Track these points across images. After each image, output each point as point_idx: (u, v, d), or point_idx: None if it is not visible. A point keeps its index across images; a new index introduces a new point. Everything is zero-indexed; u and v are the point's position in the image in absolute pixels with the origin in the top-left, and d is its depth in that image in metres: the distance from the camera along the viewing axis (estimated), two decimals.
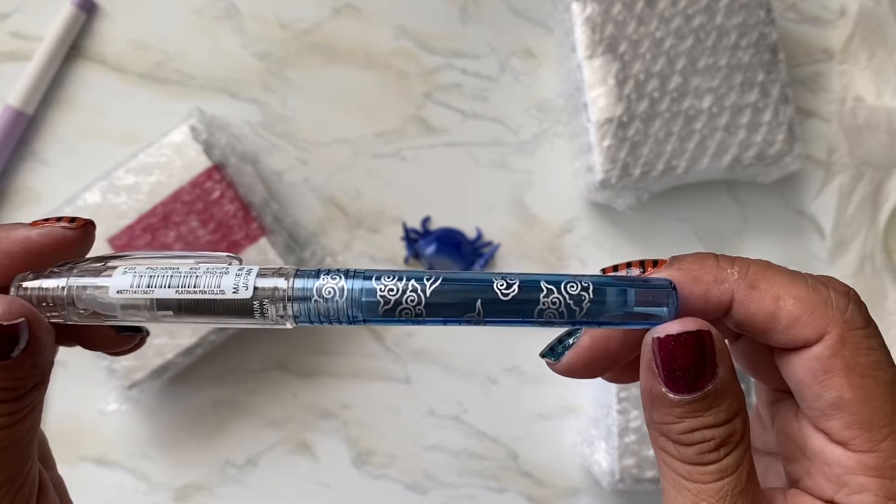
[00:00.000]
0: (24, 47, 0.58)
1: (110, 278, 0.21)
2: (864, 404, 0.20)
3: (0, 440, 0.21)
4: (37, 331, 0.21)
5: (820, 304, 0.20)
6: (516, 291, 0.20)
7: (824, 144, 0.58)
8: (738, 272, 0.21)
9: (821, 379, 0.20)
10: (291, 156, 0.58)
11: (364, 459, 0.56)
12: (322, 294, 0.21)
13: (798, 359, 0.21)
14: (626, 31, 0.54)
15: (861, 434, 0.20)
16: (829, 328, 0.20)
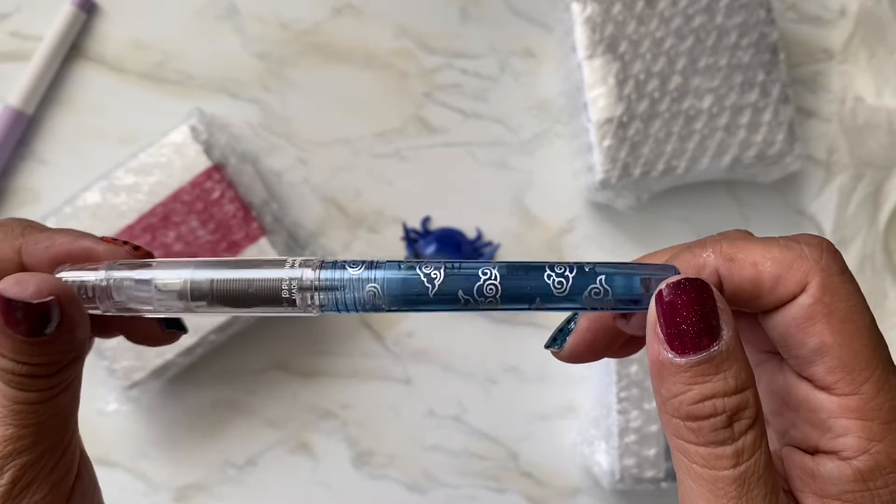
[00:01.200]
0: (24, 47, 0.58)
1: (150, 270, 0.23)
2: (845, 347, 0.20)
3: (39, 413, 0.22)
4: (68, 308, 0.22)
5: (796, 259, 0.21)
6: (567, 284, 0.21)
7: (824, 144, 0.58)
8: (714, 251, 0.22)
9: (804, 326, 0.20)
10: (291, 156, 0.58)
11: (364, 460, 0.56)
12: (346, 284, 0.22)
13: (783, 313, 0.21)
14: (626, 31, 0.54)
15: (843, 377, 0.20)
16: (809, 278, 0.21)
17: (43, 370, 0.22)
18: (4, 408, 0.22)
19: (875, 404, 0.20)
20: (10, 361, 0.22)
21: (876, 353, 0.20)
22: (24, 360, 0.22)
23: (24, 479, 0.22)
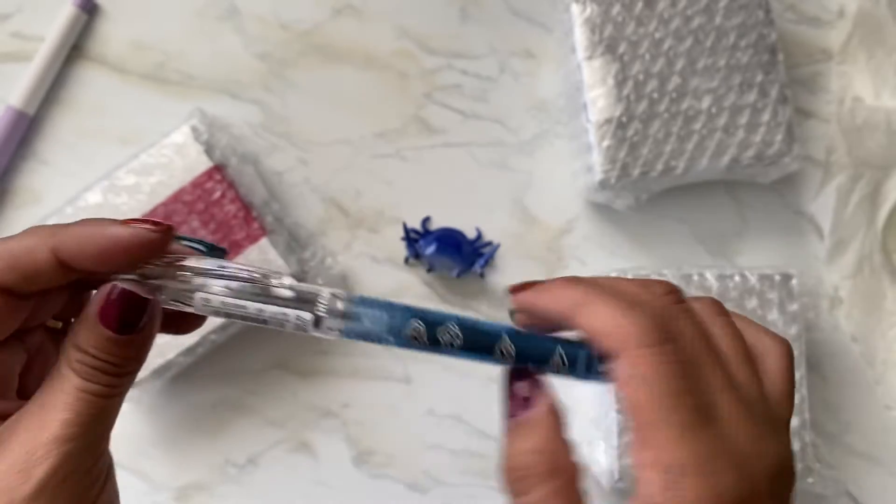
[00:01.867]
0: (26, 48, 0.58)
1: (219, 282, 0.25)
2: (644, 409, 0.23)
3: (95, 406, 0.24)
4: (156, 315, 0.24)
5: (618, 328, 0.24)
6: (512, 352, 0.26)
7: (823, 145, 0.58)
8: (577, 298, 0.25)
9: (621, 386, 0.24)
10: (292, 156, 0.58)
11: (364, 459, 0.56)
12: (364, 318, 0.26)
13: (614, 371, 0.25)
14: (625, 32, 0.54)
15: (645, 435, 0.23)
16: (621, 347, 0.24)
17: (112, 368, 0.24)
18: (68, 394, 0.23)
19: (668, 458, 0.23)
20: (87, 355, 0.24)
21: (671, 415, 0.23)
22: (101, 356, 0.24)
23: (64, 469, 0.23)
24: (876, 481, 0.57)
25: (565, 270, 0.58)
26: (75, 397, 0.24)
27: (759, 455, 0.24)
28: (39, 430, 0.23)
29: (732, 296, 0.52)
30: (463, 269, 0.56)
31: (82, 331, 0.24)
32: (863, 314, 0.57)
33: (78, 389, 0.24)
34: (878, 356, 0.57)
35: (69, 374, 0.24)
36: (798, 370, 0.52)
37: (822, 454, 0.53)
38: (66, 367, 0.24)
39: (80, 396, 0.24)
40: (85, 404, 0.24)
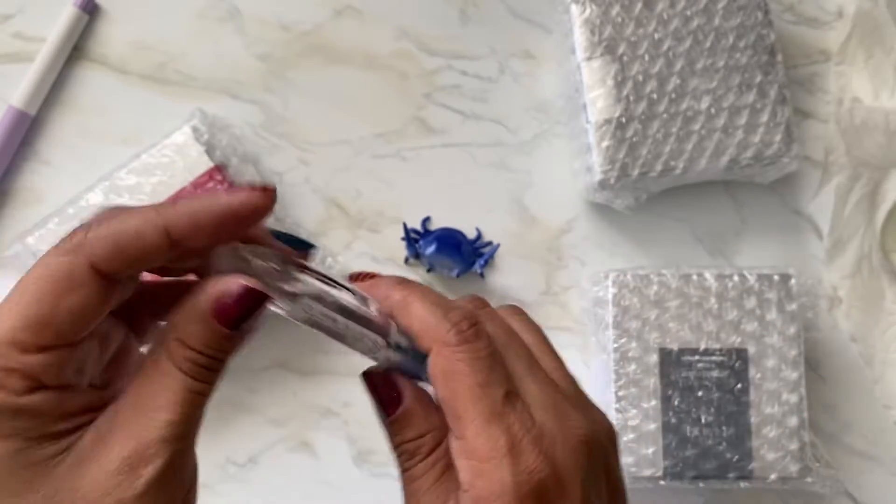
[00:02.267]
0: (27, 48, 0.58)
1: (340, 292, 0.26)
2: (452, 401, 0.25)
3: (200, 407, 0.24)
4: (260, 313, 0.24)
5: (430, 327, 0.26)
6: None
7: (822, 145, 0.59)
8: (399, 298, 0.27)
9: (432, 381, 0.26)
10: (292, 156, 0.58)
11: (365, 458, 0.57)
12: None
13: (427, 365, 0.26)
14: (624, 33, 0.54)
15: (454, 424, 0.25)
16: (431, 345, 0.26)
17: (217, 364, 0.24)
18: (176, 394, 0.23)
19: (475, 446, 0.24)
20: (196, 353, 0.23)
21: (476, 406, 0.24)
22: (211, 353, 0.24)
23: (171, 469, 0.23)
24: (875, 480, 0.57)
25: (565, 270, 0.58)
26: (183, 397, 0.23)
27: (566, 433, 0.25)
28: (145, 430, 0.23)
29: (731, 295, 0.52)
30: (463, 269, 0.56)
31: (191, 326, 0.23)
32: (861, 314, 0.57)
33: (187, 389, 0.23)
34: (877, 356, 0.57)
35: (175, 372, 0.23)
36: (797, 370, 0.52)
37: (821, 453, 0.53)
38: (170, 365, 0.23)
39: (188, 397, 0.23)
40: (191, 405, 0.23)
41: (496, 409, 0.24)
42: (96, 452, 0.23)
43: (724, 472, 0.51)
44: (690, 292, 0.52)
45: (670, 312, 0.52)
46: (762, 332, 0.52)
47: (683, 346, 0.52)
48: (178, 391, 0.23)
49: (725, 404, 0.51)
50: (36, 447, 0.23)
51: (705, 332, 0.52)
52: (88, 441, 0.23)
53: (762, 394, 0.51)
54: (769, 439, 0.51)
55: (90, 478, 0.22)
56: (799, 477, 0.51)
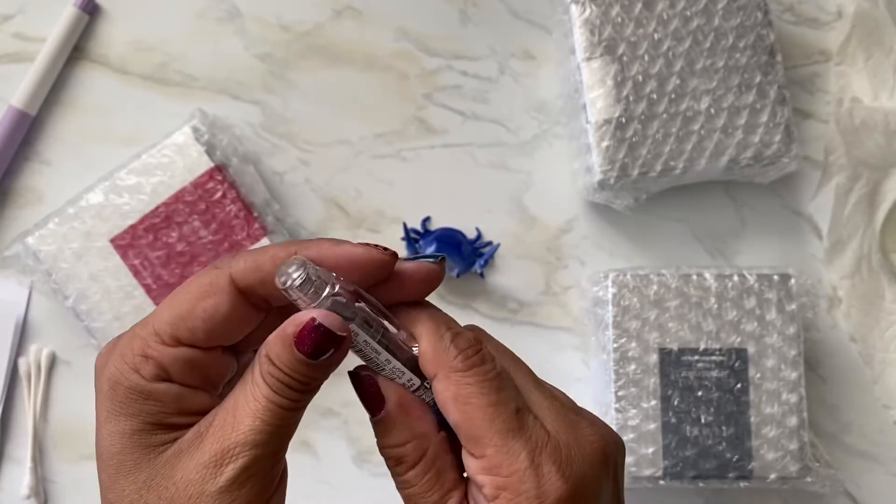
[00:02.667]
0: (27, 48, 0.59)
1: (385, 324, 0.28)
2: (467, 424, 0.26)
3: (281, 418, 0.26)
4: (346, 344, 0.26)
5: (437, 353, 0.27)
6: None
7: (821, 145, 0.59)
8: None
9: (441, 406, 0.27)
10: (293, 156, 0.58)
11: (365, 458, 0.57)
12: None
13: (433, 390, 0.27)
14: (624, 33, 0.54)
15: (472, 445, 0.26)
16: (436, 371, 0.27)
17: (299, 385, 0.26)
18: (260, 403, 0.25)
19: (497, 463, 0.25)
20: (278, 370, 0.25)
21: (492, 425, 0.26)
22: (290, 374, 0.25)
23: (249, 471, 0.25)
24: (874, 480, 0.57)
25: (565, 270, 0.58)
26: (265, 406, 0.25)
27: (580, 443, 0.26)
28: (231, 432, 0.25)
29: (731, 295, 0.52)
30: (463, 269, 0.56)
31: (277, 347, 0.26)
32: (861, 314, 0.57)
33: (267, 399, 0.25)
34: (877, 355, 0.57)
35: (262, 384, 0.26)
36: (796, 370, 0.52)
37: (821, 453, 0.53)
38: (258, 376, 0.26)
39: (269, 406, 0.25)
40: (272, 414, 0.25)
41: (511, 426, 0.26)
42: (192, 449, 0.25)
43: (724, 472, 0.51)
44: (690, 292, 0.52)
45: (670, 312, 0.52)
46: (762, 332, 0.52)
47: (683, 345, 0.52)
48: (263, 402, 0.26)
49: (725, 404, 0.51)
50: (151, 432, 0.26)
51: (705, 331, 0.52)
52: (189, 438, 0.26)
53: (762, 393, 0.51)
54: (769, 439, 0.51)
55: (183, 470, 0.25)
56: (798, 477, 0.51)
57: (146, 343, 0.26)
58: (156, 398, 0.26)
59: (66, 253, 0.53)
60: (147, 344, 0.26)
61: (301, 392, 0.26)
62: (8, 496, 0.56)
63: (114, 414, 0.26)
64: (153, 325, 0.26)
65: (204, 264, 0.53)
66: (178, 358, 0.26)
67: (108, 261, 0.53)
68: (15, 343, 0.57)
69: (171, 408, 0.26)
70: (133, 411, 0.25)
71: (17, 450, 0.57)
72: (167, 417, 0.26)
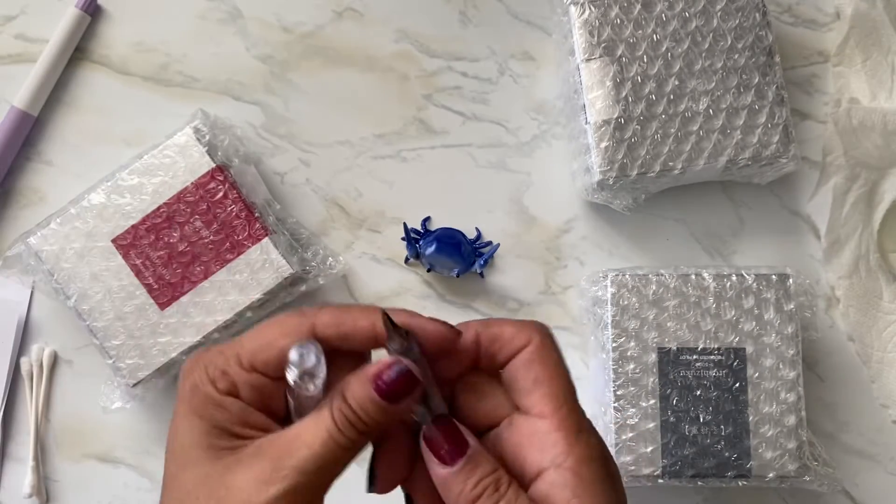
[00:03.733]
0: (29, 49, 0.59)
1: None
2: (552, 381, 0.29)
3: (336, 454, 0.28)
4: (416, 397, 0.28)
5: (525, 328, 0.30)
6: None
7: (819, 146, 0.59)
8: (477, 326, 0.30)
9: (528, 365, 0.29)
10: (294, 157, 0.59)
11: (365, 457, 0.57)
12: None
13: (515, 360, 0.30)
14: (623, 35, 0.54)
15: (550, 403, 0.29)
16: (531, 338, 0.30)
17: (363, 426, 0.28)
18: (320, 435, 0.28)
19: (570, 423, 0.29)
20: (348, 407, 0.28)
21: (569, 391, 0.29)
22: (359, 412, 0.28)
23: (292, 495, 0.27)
24: (872, 479, 0.57)
25: (564, 270, 0.58)
26: (324, 441, 0.27)
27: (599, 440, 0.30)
28: (287, 455, 0.27)
29: (729, 295, 0.53)
30: (463, 269, 0.57)
31: (355, 385, 0.28)
32: (859, 313, 0.57)
33: (328, 433, 0.27)
34: (874, 355, 0.57)
35: (327, 417, 0.28)
36: (795, 369, 0.52)
37: (819, 452, 0.53)
38: (327, 410, 0.28)
39: (327, 440, 0.27)
40: (327, 448, 0.27)
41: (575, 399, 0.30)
42: (250, 460, 0.28)
43: (723, 471, 0.51)
44: (689, 292, 0.53)
45: (669, 312, 0.52)
46: (760, 332, 0.52)
47: (682, 345, 0.52)
48: (324, 434, 0.27)
49: (723, 403, 0.52)
50: (217, 435, 0.28)
51: (703, 331, 0.52)
52: (250, 450, 0.28)
53: (760, 393, 0.52)
54: (767, 438, 0.51)
55: (237, 477, 0.27)
56: (797, 475, 0.51)
57: (227, 362, 0.29)
58: (225, 407, 0.29)
59: (67, 253, 0.53)
60: (228, 363, 0.29)
61: (360, 433, 0.28)
62: (10, 495, 0.57)
63: (189, 414, 0.29)
64: (237, 349, 0.29)
65: (205, 264, 0.53)
66: (250, 382, 0.29)
67: (109, 261, 0.53)
68: (17, 343, 0.57)
69: (236, 419, 0.29)
70: (205, 414, 0.29)
71: (19, 449, 0.57)
72: (232, 426, 0.29)
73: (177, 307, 0.53)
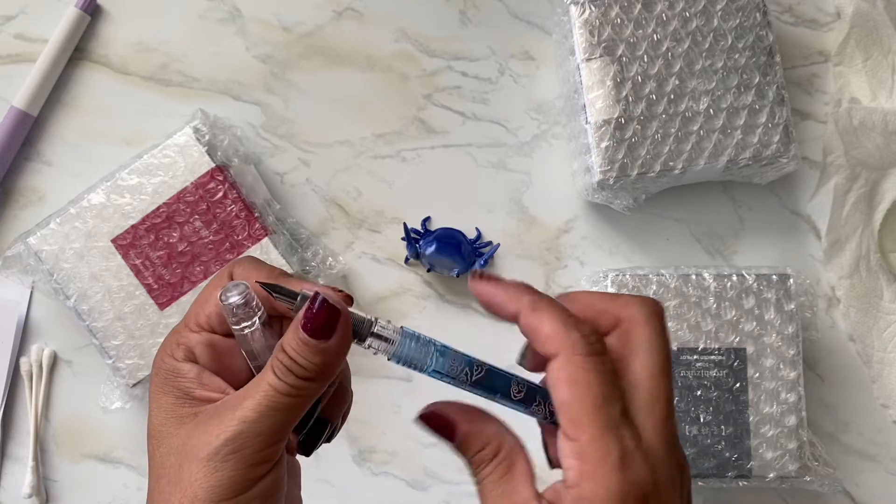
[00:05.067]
0: (29, 49, 0.59)
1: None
2: (573, 405, 0.27)
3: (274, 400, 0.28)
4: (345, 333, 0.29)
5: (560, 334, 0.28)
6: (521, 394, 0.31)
7: (820, 145, 0.59)
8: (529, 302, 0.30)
9: (553, 383, 0.28)
10: (293, 157, 0.59)
11: (365, 457, 0.57)
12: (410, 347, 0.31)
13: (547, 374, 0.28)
14: (623, 34, 0.54)
15: (572, 427, 0.27)
16: (557, 350, 0.28)
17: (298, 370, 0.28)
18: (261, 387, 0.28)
19: (588, 451, 0.26)
20: (284, 354, 0.28)
21: (597, 415, 0.27)
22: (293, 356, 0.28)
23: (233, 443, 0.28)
24: (873, 479, 0.57)
25: (564, 270, 0.58)
26: (265, 390, 0.28)
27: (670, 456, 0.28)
28: (231, 410, 0.29)
29: (730, 295, 0.53)
30: (463, 269, 0.57)
31: (289, 333, 0.29)
32: (859, 313, 0.57)
33: (268, 383, 0.29)
34: (875, 355, 0.57)
35: (268, 369, 0.29)
36: (795, 369, 0.52)
37: (820, 452, 0.53)
38: (268, 365, 0.29)
39: (266, 390, 0.28)
40: (266, 396, 0.28)
41: (613, 423, 0.27)
42: (207, 420, 0.29)
43: (723, 471, 0.51)
44: (689, 292, 0.53)
45: (669, 312, 0.52)
46: (760, 332, 0.52)
47: (682, 345, 0.52)
48: (264, 386, 0.29)
49: (724, 403, 0.52)
50: (181, 405, 0.30)
51: (704, 331, 0.52)
52: (208, 411, 0.30)
53: (761, 393, 0.52)
54: (768, 438, 0.51)
55: (197, 436, 0.29)
56: (797, 476, 0.51)
57: (179, 333, 0.31)
58: (182, 374, 0.30)
59: (67, 253, 0.53)
60: (180, 333, 0.31)
61: (298, 378, 0.28)
62: (9, 495, 0.57)
63: (156, 393, 0.31)
64: (186, 318, 0.32)
65: (205, 264, 0.53)
66: (201, 341, 0.31)
67: (109, 261, 0.53)
68: (16, 343, 0.57)
69: (195, 382, 0.30)
70: (168, 388, 0.30)
71: (19, 449, 0.57)
72: (192, 390, 0.30)
73: (176, 307, 0.53)
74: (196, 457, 0.28)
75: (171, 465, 0.29)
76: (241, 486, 0.28)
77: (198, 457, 0.28)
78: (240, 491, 0.28)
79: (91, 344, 0.55)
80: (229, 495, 0.28)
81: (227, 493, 0.28)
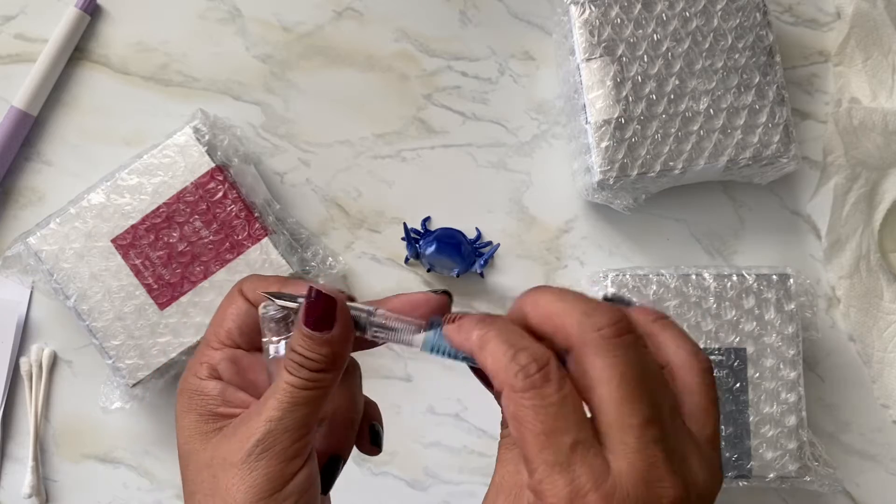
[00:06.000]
0: (29, 49, 0.59)
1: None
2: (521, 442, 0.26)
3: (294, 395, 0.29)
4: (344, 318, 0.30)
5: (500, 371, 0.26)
6: None
7: (820, 145, 0.59)
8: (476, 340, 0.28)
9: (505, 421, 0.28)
10: (293, 157, 0.59)
11: (365, 457, 0.57)
12: None
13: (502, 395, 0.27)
14: (623, 34, 0.54)
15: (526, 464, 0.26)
16: (502, 387, 0.26)
17: (309, 363, 0.29)
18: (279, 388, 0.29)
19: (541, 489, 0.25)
20: (295, 353, 0.29)
21: (541, 453, 0.25)
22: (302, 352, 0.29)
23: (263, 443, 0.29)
24: (873, 479, 0.57)
25: (564, 270, 0.58)
26: (283, 389, 0.29)
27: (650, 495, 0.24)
28: (257, 415, 0.30)
29: (730, 295, 0.53)
30: (463, 269, 0.57)
31: (295, 333, 0.30)
32: (860, 313, 0.57)
33: (285, 382, 0.30)
34: (875, 355, 0.57)
35: (284, 371, 0.30)
36: (795, 369, 0.52)
37: (820, 452, 0.53)
38: (283, 368, 0.30)
39: (284, 387, 0.29)
40: (286, 394, 0.29)
41: (560, 459, 0.24)
42: (233, 432, 0.30)
43: (723, 471, 0.51)
44: (689, 292, 0.53)
45: (669, 312, 0.52)
46: (761, 332, 0.52)
47: None
48: (281, 384, 0.30)
49: (724, 403, 0.52)
50: (204, 422, 0.31)
51: (704, 331, 0.52)
52: (233, 423, 0.30)
53: (761, 393, 0.52)
54: (768, 438, 0.51)
55: (227, 446, 0.30)
56: (797, 476, 0.51)
57: (201, 352, 0.32)
58: (206, 392, 0.31)
59: (67, 253, 0.53)
60: (202, 352, 0.32)
61: (311, 371, 0.29)
62: (9, 495, 0.57)
63: (182, 412, 0.31)
64: (207, 336, 0.33)
65: (205, 264, 0.53)
66: (224, 357, 0.32)
67: (109, 261, 0.53)
68: (16, 343, 0.57)
69: (219, 399, 0.31)
70: (193, 406, 0.31)
71: (19, 449, 0.57)
72: (217, 408, 0.31)
73: (176, 307, 0.53)
74: (230, 464, 0.29)
75: (203, 479, 0.30)
76: (278, 483, 0.29)
77: (232, 463, 0.29)
78: (276, 488, 0.29)
79: (91, 344, 0.55)
80: (266, 493, 0.29)
81: (265, 492, 0.29)
